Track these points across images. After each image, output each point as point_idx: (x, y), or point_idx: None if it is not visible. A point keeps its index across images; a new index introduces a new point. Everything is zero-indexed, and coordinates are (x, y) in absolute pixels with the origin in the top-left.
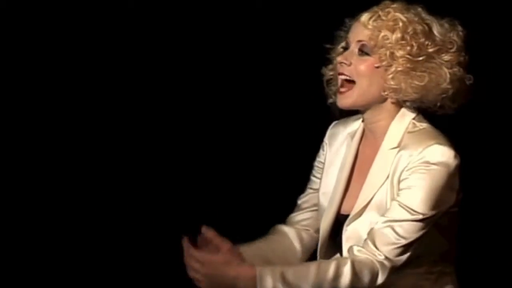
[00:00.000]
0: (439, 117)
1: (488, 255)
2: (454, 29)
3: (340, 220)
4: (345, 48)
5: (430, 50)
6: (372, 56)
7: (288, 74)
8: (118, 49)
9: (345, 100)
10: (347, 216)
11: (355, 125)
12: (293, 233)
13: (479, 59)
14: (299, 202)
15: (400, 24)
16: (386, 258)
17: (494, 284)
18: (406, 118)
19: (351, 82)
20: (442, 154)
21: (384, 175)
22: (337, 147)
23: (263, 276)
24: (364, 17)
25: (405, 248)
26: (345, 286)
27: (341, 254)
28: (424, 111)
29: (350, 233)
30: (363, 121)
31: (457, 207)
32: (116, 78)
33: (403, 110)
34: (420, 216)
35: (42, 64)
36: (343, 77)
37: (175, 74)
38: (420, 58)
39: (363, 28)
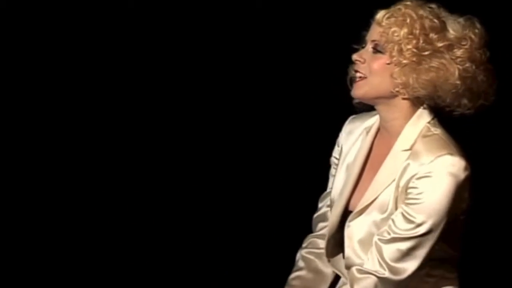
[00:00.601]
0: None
1: (491, 260)
2: (471, 26)
3: (347, 216)
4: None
5: (440, 44)
6: (384, 53)
7: (288, 73)
8: (118, 49)
9: (357, 90)
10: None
11: (372, 120)
12: (319, 256)
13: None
14: (319, 204)
15: (408, 20)
16: (392, 272)
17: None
18: (421, 121)
19: (365, 79)
20: (452, 165)
21: (392, 177)
22: (353, 142)
23: None
24: (379, 15)
25: (412, 262)
26: None
27: (344, 253)
28: (442, 110)
29: (351, 230)
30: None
31: (464, 215)
32: (116, 78)
33: (419, 112)
34: (426, 230)
35: (42, 64)
36: (358, 74)
37: (175, 74)
38: (427, 53)
39: (377, 26)
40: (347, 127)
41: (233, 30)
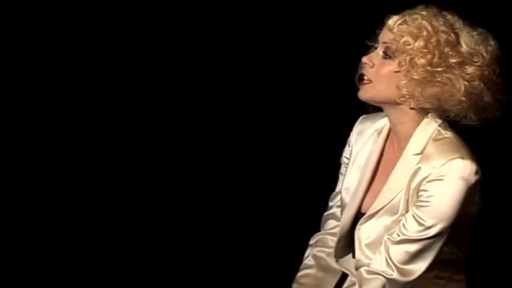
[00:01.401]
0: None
1: (499, 261)
2: (484, 42)
3: (359, 218)
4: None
5: (453, 60)
6: (394, 60)
7: (296, 73)
8: (118, 49)
9: (363, 93)
10: (364, 214)
11: (383, 121)
12: (329, 254)
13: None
14: (330, 202)
15: (424, 33)
16: (400, 273)
17: None
18: (431, 125)
19: (371, 83)
20: (464, 169)
21: (404, 181)
22: (363, 142)
23: None
24: (391, 20)
25: (421, 264)
26: None
27: (353, 254)
28: (448, 119)
29: (361, 233)
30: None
31: (474, 218)
32: (116, 78)
33: (429, 116)
34: (435, 232)
35: (42, 64)
36: (365, 77)
37: (176, 74)
38: (440, 69)
39: (389, 32)
40: (357, 127)
41: (233, 30)
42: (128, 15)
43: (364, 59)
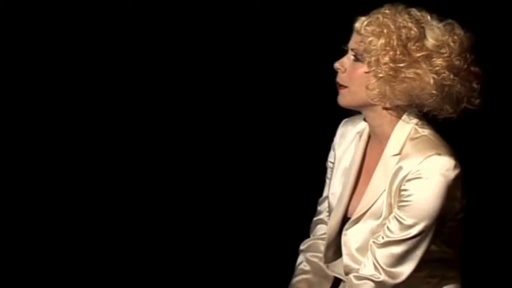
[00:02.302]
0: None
1: (493, 258)
2: (451, 32)
3: (346, 222)
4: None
5: (418, 55)
6: (363, 62)
7: (288, 74)
8: (118, 49)
9: (340, 98)
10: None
11: (364, 124)
12: (322, 259)
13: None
14: (318, 207)
15: (385, 30)
16: (388, 276)
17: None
18: (408, 124)
19: (346, 88)
20: (442, 165)
21: (385, 183)
22: (346, 146)
23: None
24: (358, 22)
25: (408, 264)
26: None
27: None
28: (426, 114)
29: (348, 238)
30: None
31: (461, 214)
32: (116, 78)
33: (404, 116)
34: (418, 231)
35: (42, 64)
36: (339, 83)
37: (175, 74)
38: (402, 65)
39: (357, 34)
40: (340, 130)
41: (233, 30)
42: (128, 15)
43: (336, 65)
